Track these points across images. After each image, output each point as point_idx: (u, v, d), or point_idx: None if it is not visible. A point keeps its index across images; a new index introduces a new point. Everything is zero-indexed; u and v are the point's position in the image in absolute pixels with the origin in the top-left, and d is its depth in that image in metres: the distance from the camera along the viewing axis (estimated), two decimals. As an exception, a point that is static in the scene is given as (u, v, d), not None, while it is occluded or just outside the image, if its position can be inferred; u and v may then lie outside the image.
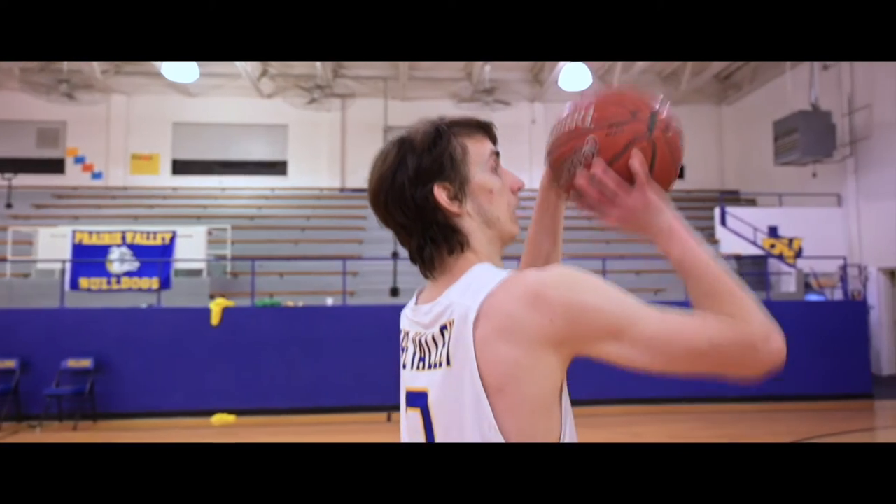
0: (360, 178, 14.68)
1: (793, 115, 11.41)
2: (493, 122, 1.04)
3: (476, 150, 0.99)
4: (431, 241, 0.96)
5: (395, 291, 8.84)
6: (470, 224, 0.97)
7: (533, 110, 15.27)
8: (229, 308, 7.66)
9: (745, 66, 14.49)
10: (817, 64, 11.80)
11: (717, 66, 13.32)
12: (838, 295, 9.90)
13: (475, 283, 0.90)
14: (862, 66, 11.48)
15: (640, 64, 12.85)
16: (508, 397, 0.85)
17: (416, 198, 0.94)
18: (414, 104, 14.86)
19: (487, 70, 13.33)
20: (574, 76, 12.47)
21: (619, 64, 13.75)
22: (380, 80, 14.64)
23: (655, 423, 7.08)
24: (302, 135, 14.87)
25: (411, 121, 1.05)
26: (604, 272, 8.69)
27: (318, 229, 12.16)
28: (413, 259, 1.01)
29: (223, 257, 10.68)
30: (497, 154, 1.02)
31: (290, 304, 8.23)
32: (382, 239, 11.22)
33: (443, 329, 0.91)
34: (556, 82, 13.22)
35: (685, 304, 0.93)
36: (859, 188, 11.59)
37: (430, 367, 0.94)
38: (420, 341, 0.97)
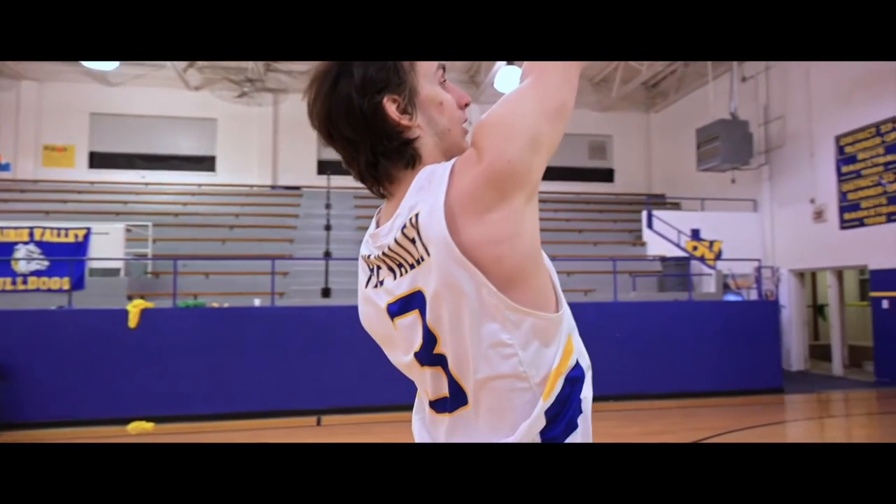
0: (292, 175, 14.39)
1: (714, 124, 11.96)
2: None
3: (423, 62, 0.97)
4: (383, 155, 0.93)
5: (326, 292, 8.65)
6: (422, 136, 0.95)
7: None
8: (148, 310, 7.26)
9: (672, 76, 15.10)
10: (737, 75, 12.42)
11: (645, 74, 13.80)
12: (753, 295, 10.44)
13: (429, 181, 0.89)
14: (776, 79, 12.17)
15: (573, 69, 13.10)
16: (505, 258, 0.86)
17: (365, 109, 0.91)
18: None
19: (423, 70, 13.29)
20: (510, 78, 12.61)
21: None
22: (314, 75, 14.35)
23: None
24: (231, 129, 14.35)
25: None
26: (535, 273, 8.81)
27: (247, 227, 11.77)
28: (362, 177, 0.97)
29: (143, 256, 10.15)
30: (443, 69, 1.00)
31: (216, 304, 7.91)
32: (314, 239, 10.98)
33: (404, 228, 0.89)
34: (493, 84, 13.33)
35: (615, 305, 0.91)
36: (773, 194, 12.28)
37: (411, 266, 0.91)
38: (390, 253, 0.94)
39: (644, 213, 12.57)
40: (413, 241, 0.89)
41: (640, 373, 8.53)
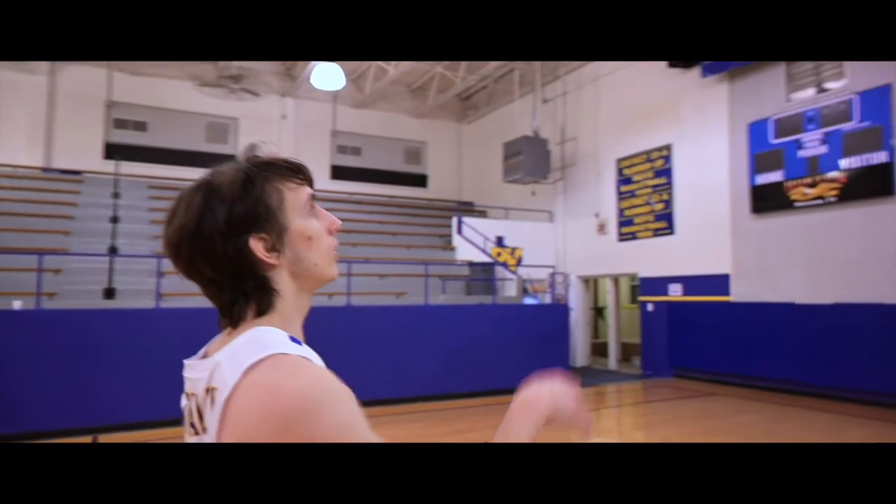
0: (70, 158, 12.51)
1: (519, 140, 12.90)
2: (305, 166, 0.97)
3: (293, 196, 0.92)
4: (244, 296, 0.89)
5: (109, 293, 7.62)
6: (283, 277, 0.91)
7: (284, 105, 14.72)
8: None
9: (483, 91, 15.99)
10: (539, 96, 13.54)
11: (459, 85, 14.42)
12: (548, 299, 11.43)
13: (241, 352, 0.82)
14: (572, 104, 13.50)
15: (392, 74, 13.26)
16: None
17: (229, 251, 0.86)
18: (146, 80, 13.17)
19: (235, 55, 12.42)
20: (327, 75, 12.32)
21: (372, 71, 14.04)
22: (103, 46, 12.64)
23: (391, 423, 7.26)
24: (-9, 98, 12.05)
25: (142, 99, 0.82)
26: (349, 275, 8.68)
27: (12, 216, 9.95)
28: (224, 314, 0.91)
29: None
30: (313, 197, 0.96)
31: (-41, 307, 6.51)
32: (97, 232, 9.64)
33: (209, 391, 0.83)
34: (310, 79, 12.92)
35: (425, 308, 0.84)
36: (566, 207, 13.60)
37: (196, 433, 0.86)
38: (195, 402, 0.87)
39: (455, 219, 13.12)
40: (205, 407, 0.84)
41: (448, 373, 8.84)
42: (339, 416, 0.78)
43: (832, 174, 8.61)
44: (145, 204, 11.55)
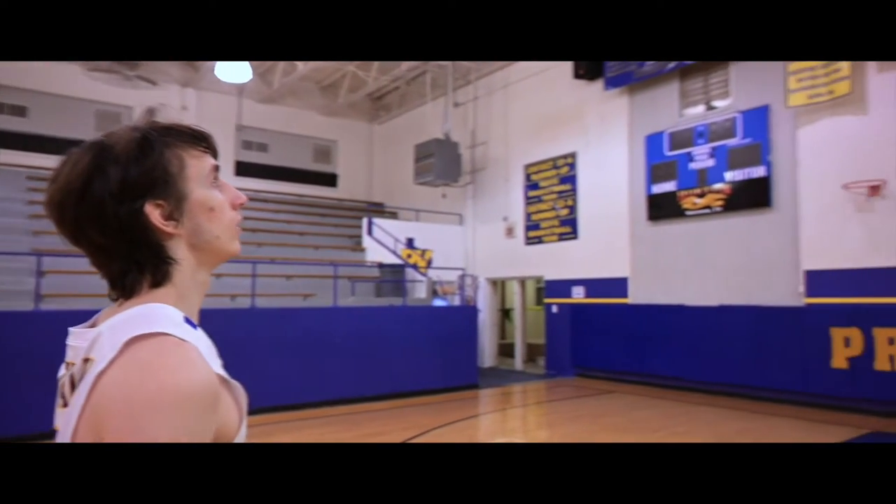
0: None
1: (430, 142, 12.96)
2: (209, 133, 0.94)
3: (196, 164, 0.88)
4: (137, 265, 0.83)
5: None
6: (181, 248, 0.86)
7: (184, 96, 13.95)
8: None
9: (395, 91, 15.94)
10: (451, 100, 13.67)
11: (371, 85, 14.29)
12: (457, 300, 11.55)
13: (126, 325, 0.78)
14: (482, 109, 13.74)
15: (302, 70, 12.93)
16: None
17: (122, 216, 0.81)
18: (25, 65, 12.04)
19: (130, 40, 11.63)
20: (232, 68, 11.81)
21: (281, 66, 13.62)
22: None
23: (299, 428, 7.05)
24: None
25: (22, 81, 0.73)
26: (253, 276, 8.35)
27: None
28: (113, 284, 0.85)
29: None
30: (217, 168, 0.92)
31: None
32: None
33: (86, 361, 0.78)
34: (213, 70, 12.34)
35: (334, 310, 0.80)
36: (476, 211, 13.82)
37: (65, 406, 0.81)
38: (71, 372, 0.81)
39: (365, 220, 12.97)
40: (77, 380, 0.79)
41: (358, 376, 8.71)
42: (174, 433, 0.72)
43: (718, 186, 9.30)
44: (23, 196, 10.55)
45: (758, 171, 8.87)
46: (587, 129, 11.44)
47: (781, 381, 8.20)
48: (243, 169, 14.94)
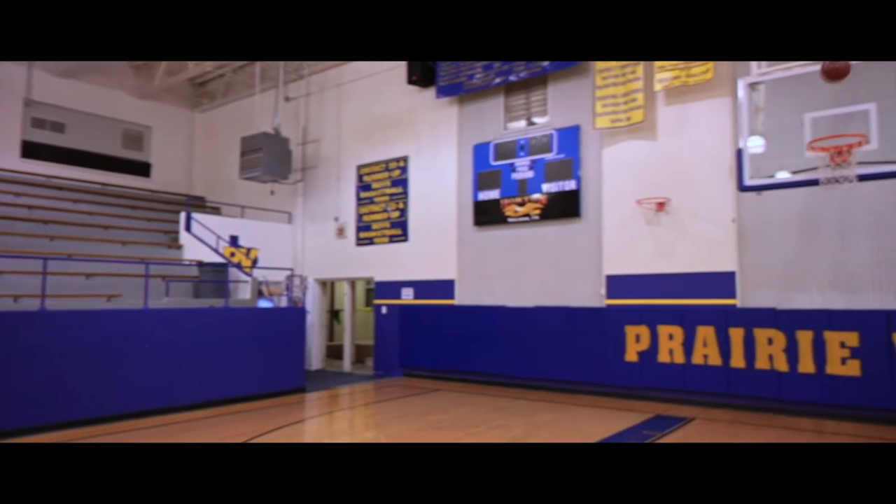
0: None
1: (258, 136, 12.37)
2: None
3: None
4: None
5: None
6: None
7: None
8: None
9: (220, 79, 14.96)
10: (282, 94, 13.18)
11: (192, 70, 13.27)
12: (284, 301, 11.15)
13: None
14: (315, 106, 13.44)
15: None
16: None
17: None
18: None
19: None
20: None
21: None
22: None
23: (160, 434, 6.29)
24: None
25: None
26: (44, 273, 7.29)
27: None
28: None
29: None
30: None
31: None
32: None
33: None
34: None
35: (144, 312, 0.72)
36: (306, 209, 13.47)
37: None
38: None
39: (183, 215, 11.99)
40: None
41: (173, 383, 8.01)
42: None
43: (536, 196, 10.09)
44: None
45: (570, 185, 9.78)
46: (419, 134, 11.73)
47: (585, 374, 9.12)
48: (32, 150, 13.00)
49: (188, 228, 11.76)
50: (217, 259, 11.09)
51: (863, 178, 5.54)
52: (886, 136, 5.64)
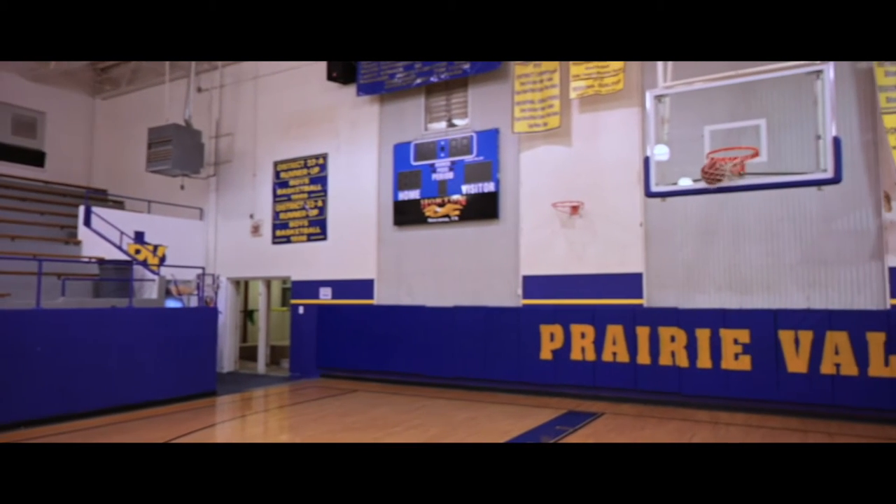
0: None
1: (168, 127, 11.76)
2: None
3: None
4: None
5: None
6: None
7: None
8: None
9: (125, 65, 14.10)
10: (193, 84, 12.59)
11: (95, 54, 12.43)
12: (195, 301, 10.67)
13: None
14: (229, 99, 12.93)
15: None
16: None
17: None
18: None
19: None
20: None
21: None
22: None
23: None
24: None
25: None
26: (-82, 272, 6.60)
27: None
28: None
29: None
30: None
31: None
32: None
33: None
34: None
35: (38, 312, 0.68)
36: (219, 205, 12.94)
37: None
38: None
39: (82, 209, 11.20)
40: None
41: (66, 390, 7.46)
42: None
43: (456, 197, 10.20)
44: None
45: (489, 187, 9.95)
46: (339, 131, 11.56)
47: (502, 372, 9.32)
48: None
49: (87, 223, 11.01)
50: (120, 256, 10.44)
51: (751, 188, 6.00)
52: (775, 150, 6.15)
